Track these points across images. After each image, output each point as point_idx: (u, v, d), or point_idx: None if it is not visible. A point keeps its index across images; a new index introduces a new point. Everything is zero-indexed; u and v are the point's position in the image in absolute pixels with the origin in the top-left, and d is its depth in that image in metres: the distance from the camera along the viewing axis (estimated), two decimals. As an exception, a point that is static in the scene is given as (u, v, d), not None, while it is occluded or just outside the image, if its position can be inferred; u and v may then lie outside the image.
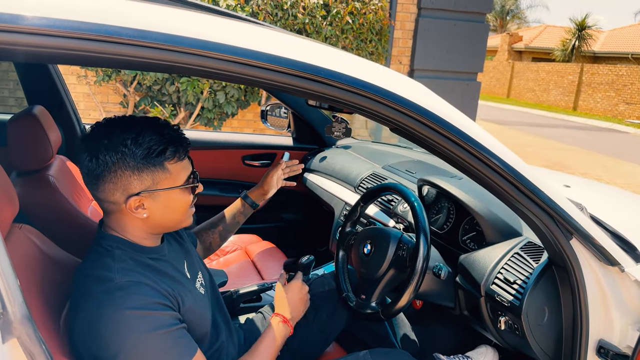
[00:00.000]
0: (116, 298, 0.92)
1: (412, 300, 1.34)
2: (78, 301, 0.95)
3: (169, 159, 0.99)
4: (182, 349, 0.98)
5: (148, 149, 0.96)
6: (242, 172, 2.51)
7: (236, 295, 1.66)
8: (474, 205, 1.44)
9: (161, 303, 0.97)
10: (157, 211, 1.01)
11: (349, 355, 1.30)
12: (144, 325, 0.93)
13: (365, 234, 1.51)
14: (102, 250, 1.01)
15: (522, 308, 1.23)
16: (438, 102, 1.05)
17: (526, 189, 1.09)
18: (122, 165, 0.95)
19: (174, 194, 1.02)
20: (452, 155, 1.05)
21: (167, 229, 1.09)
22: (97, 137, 0.97)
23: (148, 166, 0.97)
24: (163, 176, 0.99)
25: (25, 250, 1.14)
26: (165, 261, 1.08)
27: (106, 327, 0.91)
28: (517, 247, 1.36)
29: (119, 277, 0.95)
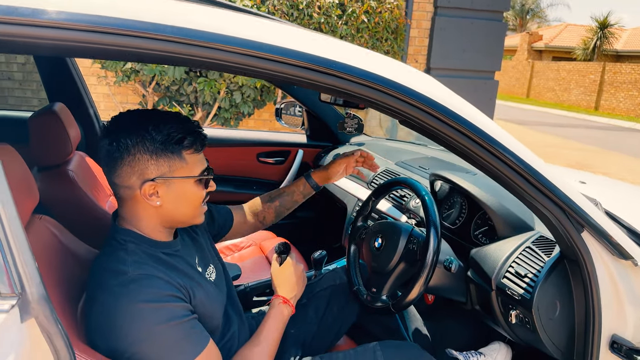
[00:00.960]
0: (130, 291, 0.95)
1: (422, 294, 1.35)
2: (94, 293, 0.99)
3: (186, 148, 1.01)
4: (195, 340, 1.00)
5: (168, 135, 0.99)
6: (257, 169, 2.54)
7: (249, 289, 1.69)
8: (485, 199, 1.44)
9: (173, 295, 0.99)
10: (169, 201, 1.03)
11: (359, 347, 1.31)
12: (157, 317, 0.96)
13: (377, 228, 1.52)
14: (116, 244, 1.04)
15: (532, 301, 1.23)
16: (447, 94, 1.05)
17: (536, 180, 1.08)
18: (141, 148, 0.98)
19: (188, 186, 1.04)
20: (461, 146, 1.05)
21: (179, 223, 1.10)
22: (119, 123, 1.01)
23: (166, 152, 0.99)
24: (179, 165, 1.02)
25: (45, 240, 1.18)
26: (178, 256, 1.10)
27: (121, 319, 0.94)
28: (528, 241, 1.36)
29: (132, 270, 0.97)
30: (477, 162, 1.07)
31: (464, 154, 1.07)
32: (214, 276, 1.23)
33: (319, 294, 1.55)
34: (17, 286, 0.73)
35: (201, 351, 1.00)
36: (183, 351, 0.98)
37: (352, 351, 1.30)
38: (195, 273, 1.12)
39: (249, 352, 1.15)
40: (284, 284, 1.30)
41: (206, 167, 1.08)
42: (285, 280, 1.30)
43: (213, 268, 1.25)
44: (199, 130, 1.04)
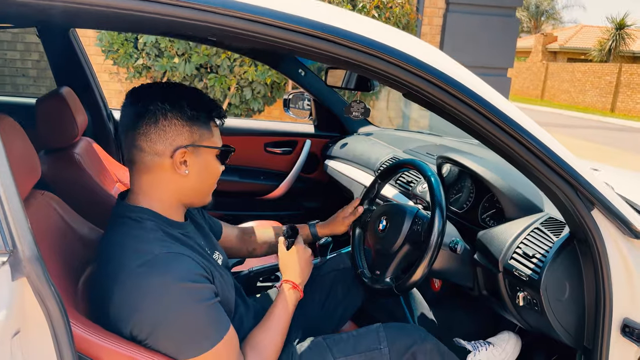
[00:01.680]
0: (159, 269, 0.92)
1: (426, 275, 1.32)
2: (115, 274, 0.94)
3: (214, 119, 1.06)
4: (219, 324, 0.98)
5: (203, 104, 1.03)
6: (264, 159, 2.53)
7: (253, 273, 1.67)
8: (493, 180, 1.40)
9: (202, 275, 0.98)
10: (195, 172, 1.04)
11: (361, 328, 1.29)
12: (187, 296, 0.93)
13: (381, 210, 1.50)
14: (131, 222, 1.01)
15: (540, 282, 1.19)
16: (452, 64, 1.03)
17: (544, 154, 1.05)
18: (178, 114, 0.99)
19: (212, 158, 1.06)
20: (467, 118, 1.03)
21: (195, 200, 1.10)
22: (151, 91, 1.02)
23: (199, 121, 1.02)
24: (208, 135, 1.05)
25: (47, 216, 1.17)
26: (190, 238, 1.09)
27: (148, 299, 0.91)
28: (537, 222, 1.32)
29: (158, 249, 0.95)
30: (481, 133, 1.04)
31: (466, 124, 1.04)
32: (221, 261, 1.22)
33: (322, 278, 1.53)
34: (8, 243, 0.72)
35: (224, 336, 0.98)
36: (208, 335, 0.95)
37: (354, 332, 1.28)
38: (208, 255, 1.11)
39: (259, 338, 1.13)
40: (292, 268, 1.28)
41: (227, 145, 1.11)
42: (293, 264, 1.29)
43: (219, 254, 1.24)
44: (220, 106, 1.09)
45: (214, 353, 0.96)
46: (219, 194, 2.53)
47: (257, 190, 2.55)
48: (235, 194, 2.54)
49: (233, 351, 1.02)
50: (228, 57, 4.62)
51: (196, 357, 0.95)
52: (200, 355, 0.95)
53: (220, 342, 0.96)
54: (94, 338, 0.86)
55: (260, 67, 4.70)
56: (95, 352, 0.86)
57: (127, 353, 0.88)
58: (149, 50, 4.64)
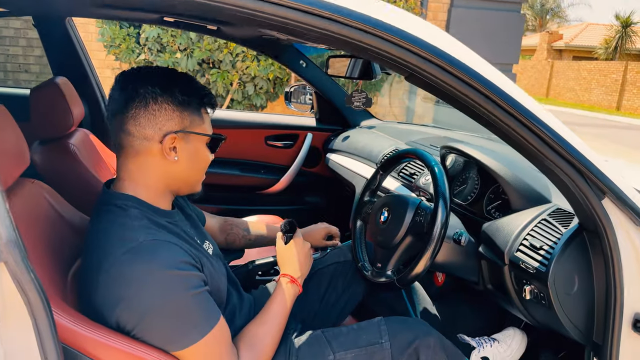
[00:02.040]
0: (143, 258, 0.89)
1: (428, 268, 1.27)
2: (99, 263, 0.91)
3: (206, 105, 1.03)
4: (208, 314, 0.95)
5: (194, 89, 1.00)
6: (264, 153, 2.48)
7: (252, 266, 1.63)
8: (499, 170, 1.35)
9: (190, 263, 0.94)
10: (184, 159, 1.01)
11: (363, 322, 1.25)
12: (174, 284, 0.90)
13: (382, 202, 1.45)
14: (116, 209, 0.98)
15: (548, 274, 1.14)
16: (456, 45, 0.99)
17: (552, 140, 1.00)
18: (169, 99, 0.97)
19: (202, 146, 1.03)
20: (470, 101, 0.98)
21: (183, 188, 1.06)
22: (141, 74, 1.00)
23: (190, 106, 0.99)
24: (198, 121, 1.02)
25: (36, 204, 1.14)
26: (177, 226, 1.05)
27: (133, 287, 0.88)
28: (544, 214, 1.27)
29: (143, 236, 0.92)
30: (484, 116, 1.00)
31: (469, 107, 1.00)
32: (212, 250, 1.18)
33: (322, 271, 1.49)
34: (-16, 227, 0.68)
35: (214, 326, 0.95)
36: (196, 325, 0.92)
37: (355, 326, 1.23)
38: (197, 244, 1.08)
39: (255, 331, 1.09)
40: (290, 263, 1.25)
41: (221, 134, 1.09)
42: (291, 258, 1.26)
43: (209, 243, 1.20)
44: (212, 93, 1.06)
45: (204, 344, 0.92)
46: (218, 188, 2.51)
47: (258, 184, 2.51)
48: (236, 188, 2.50)
49: (224, 343, 0.98)
50: (230, 52, 4.58)
51: (185, 348, 0.91)
52: (190, 346, 0.91)
53: (210, 332, 0.93)
54: (79, 329, 0.82)
55: (262, 62, 4.66)
56: (81, 343, 0.82)
57: (114, 345, 0.84)
58: (151, 46, 4.61)
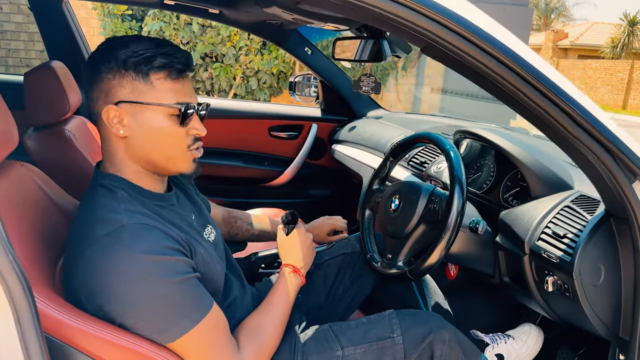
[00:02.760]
0: (125, 240, 0.82)
1: (442, 259, 1.19)
2: (80, 246, 0.85)
3: (155, 69, 0.88)
4: (198, 300, 0.88)
5: (134, 52, 0.87)
6: (268, 144, 2.41)
7: (255, 258, 1.56)
8: (518, 154, 1.27)
9: (174, 248, 0.87)
10: (137, 133, 0.90)
11: (373, 316, 1.17)
12: (156, 270, 0.83)
13: (393, 189, 1.37)
14: (103, 190, 0.91)
15: (573, 264, 1.06)
16: (476, 13, 0.91)
17: (581, 117, 0.92)
18: (107, 67, 0.88)
19: (157, 117, 0.89)
20: (493, 74, 0.90)
21: (159, 167, 0.95)
22: (97, 48, 0.92)
23: (129, 72, 0.87)
24: (145, 89, 0.88)
25: (24, 187, 1.07)
26: (173, 211, 0.98)
27: (114, 274, 0.81)
28: (567, 200, 1.19)
29: (127, 219, 0.85)
30: (507, 91, 0.92)
31: (493, 82, 0.92)
32: (213, 237, 1.11)
33: (329, 262, 1.42)
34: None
35: (207, 313, 0.88)
36: (187, 313, 0.85)
37: (364, 319, 1.16)
38: (193, 230, 1.00)
39: (257, 321, 1.03)
40: (292, 253, 1.19)
41: (186, 102, 0.91)
42: (293, 249, 1.20)
43: (212, 228, 1.13)
44: (179, 56, 0.90)
45: (197, 333, 0.85)
46: (220, 180, 2.43)
47: (261, 176, 2.43)
48: (238, 180, 2.42)
49: (221, 332, 0.91)
50: (233, 45, 4.51)
51: (177, 339, 0.84)
52: (182, 336, 0.84)
53: (202, 320, 0.86)
54: (64, 318, 0.75)
55: (266, 55, 4.59)
56: (66, 333, 0.75)
57: (102, 336, 0.77)
58: (152, 39, 4.54)
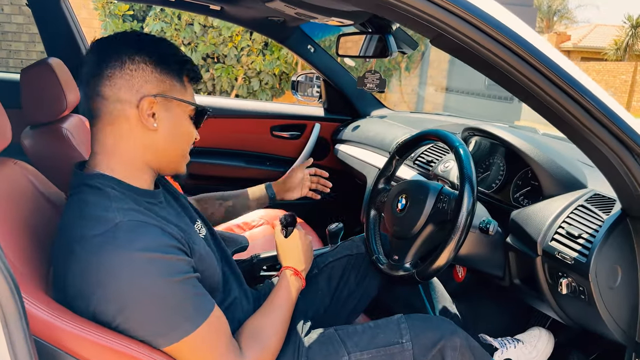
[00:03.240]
0: (120, 239, 0.78)
1: (451, 261, 1.15)
2: (71, 247, 0.81)
3: (188, 72, 0.93)
4: (199, 302, 0.84)
5: (177, 55, 0.92)
6: (270, 144, 2.37)
7: (256, 260, 1.51)
8: (530, 151, 1.23)
9: (174, 246, 0.83)
10: (164, 128, 0.90)
11: (380, 320, 1.12)
12: (155, 269, 0.79)
13: (399, 188, 1.33)
14: (92, 190, 0.86)
15: (589, 266, 1.02)
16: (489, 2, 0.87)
17: (599, 112, 0.88)
18: (147, 58, 0.87)
19: (184, 117, 0.94)
20: (506, 66, 0.86)
21: (164, 163, 0.94)
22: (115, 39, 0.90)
23: (169, 70, 0.90)
24: (179, 88, 0.92)
25: (16, 185, 1.04)
26: (164, 208, 0.95)
27: (109, 274, 0.77)
28: (581, 199, 1.15)
29: (120, 217, 0.80)
30: (522, 84, 0.87)
31: (506, 75, 0.87)
32: (205, 232, 1.08)
33: (333, 264, 1.37)
34: None
35: (208, 315, 0.84)
36: (187, 316, 0.81)
37: (372, 323, 1.11)
38: (186, 226, 0.96)
39: (258, 323, 0.99)
40: (292, 255, 1.16)
41: (205, 107, 0.98)
42: (293, 250, 1.17)
43: (202, 224, 1.09)
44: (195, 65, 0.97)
45: (199, 336, 0.81)
46: (222, 180, 2.39)
47: (263, 177, 2.39)
48: (240, 180, 2.38)
49: (223, 334, 0.87)
50: (235, 46, 4.48)
51: (176, 342, 0.80)
52: (182, 339, 0.80)
53: (204, 322, 0.82)
54: (55, 320, 0.71)
55: (268, 56, 4.56)
56: (57, 337, 0.71)
57: (96, 339, 0.73)
58: (154, 40, 4.51)
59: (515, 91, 0.93)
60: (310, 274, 1.34)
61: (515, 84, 0.89)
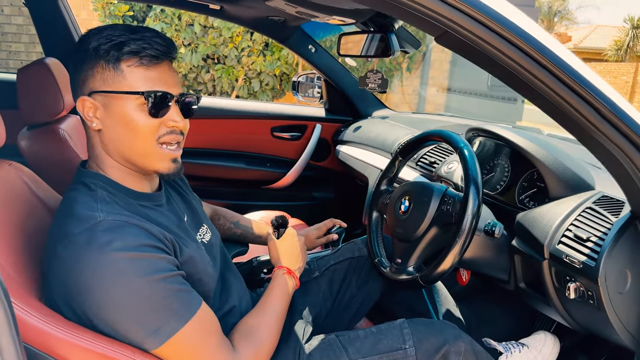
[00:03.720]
0: (100, 238, 0.76)
1: (456, 264, 1.12)
2: (54, 246, 0.80)
3: (125, 56, 0.81)
4: (184, 298, 0.81)
5: (105, 37, 0.81)
6: (270, 145, 2.34)
7: (256, 262, 1.49)
8: (536, 152, 1.20)
9: (155, 246, 0.81)
10: (110, 126, 0.84)
11: (382, 325, 1.10)
12: (135, 268, 0.77)
13: (402, 190, 1.30)
14: (83, 188, 0.85)
15: (598, 270, 0.99)
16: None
17: (608, 110, 0.85)
18: (80, 59, 0.83)
19: (129, 107, 0.82)
20: (515, 65, 0.83)
21: (134, 164, 0.88)
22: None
23: (99, 61, 0.81)
24: (115, 77, 0.82)
25: (12, 188, 1.01)
26: (160, 212, 0.92)
27: (89, 273, 0.75)
28: (589, 201, 1.12)
29: (103, 215, 0.79)
30: (530, 84, 0.85)
31: (514, 74, 0.85)
32: (208, 237, 1.05)
33: (335, 267, 1.35)
34: None
35: (195, 312, 0.81)
36: (173, 313, 0.79)
37: (374, 328, 1.08)
38: (182, 231, 0.94)
39: (252, 322, 0.97)
40: (284, 256, 1.14)
41: (163, 91, 0.83)
42: (286, 251, 1.15)
43: (207, 228, 1.07)
44: (153, 40, 0.82)
45: (187, 333, 0.79)
46: (221, 182, 2.36)
47: (263, 178, 2.37)
48: (240, 182, 2.36)
49: (213, 332, 0.85)
50: (235, 46, 4.46)
51: (166, 342, 0.78)
52: (171, 337, 0.78)
53: (191, 319, 0.80)
54: (47, 327, 0.68)
55: (269, 57, 4.54)
56: (49, 344, 0.69)
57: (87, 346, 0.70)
58: (154, 40, 4.49)
59: (522, 90, 0.90)
60: (311, 277, 1.32)
61: (523, 82, 0.86)
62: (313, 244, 1.47)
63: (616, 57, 21.24)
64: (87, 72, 0.83)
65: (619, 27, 22.32)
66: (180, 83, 0.90)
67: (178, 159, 0.90)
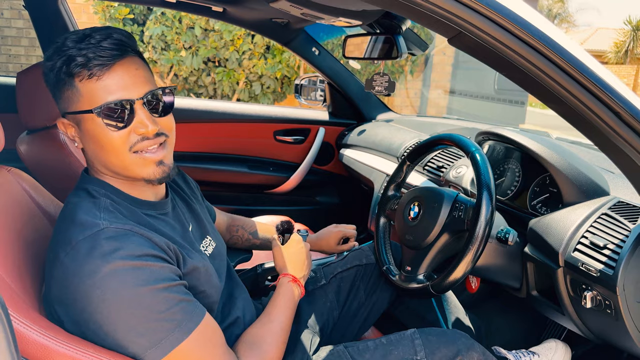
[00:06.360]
0: (104, 246, 0.74)
1: (468, 273, 1.09)
2: (56, 251, 0.78)
3: (75, 70, 0.76)
4: (187, 308, 0.79)
5: (58, 53, 0.78)
6: (273, 149, 2.31)
7: (261, 270, 1.45)
8: (549, 156, 1.17)
9: (157, 255, 0.78)
10: (86, 144, 0.84)
11: (393, 335, 1.06)
12: (138, 277, 0.74)
13: (412, 195, 1.27)
14: (86, 195, 0.83)
15: (617, 278, 0.96)
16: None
17: (630, 115, 0.82)
18: (46, 80, 0.83)
19: (93, 125, 0.79)
20: (531, 67, 0.80)
21: (120, 175, 0.85)
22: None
23: (59, 81, 0.79)
24: (74, 97, 0.79)
25: (11, 195, 0.98)
26: (165, 221, 0.89)
27: (89, 281, 0.73)
28: (604, 207, 1.09)
29: (105, 223, 0.77)
30: (547, 87, 0.82)
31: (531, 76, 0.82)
32: (212, 249, 1.02)
33: (342, 274, 1.31)
34: None
35: (199, 323, 0.79)
36: (176, 324, 0.76)
37: (384, 339, 1.05)
38: (187, 241, 0.91)
39: (256, 332, 0.94)
40: (289, 263, 1.11)
41: (117, 100, 0.77)
42: (291, 258, 1.12)
43: (211, 240, 1.04)
44: (98, 45, 0.76)
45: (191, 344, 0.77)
46: (224, 186, 2.33)
47: (266, 182, 2.33)
48: (243, 187, 2.32)
49: (217, 343, 0.83)
50: (237, 49, 4.44)
51: (169, 353, 0.75)
52: (174, 349, 0.75)
53: (195, 330, 0.78)
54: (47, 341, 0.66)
55: (270, 60, 4.51)
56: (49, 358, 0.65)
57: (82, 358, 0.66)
58: (155, 44, 4.47)
59: (539, 94, 0.87)
60: (317, 285, 1.29)
61: (541, 86, 0.83)
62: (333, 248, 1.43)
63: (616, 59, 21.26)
64: (55, 93, 0.83)
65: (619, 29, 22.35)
66: (148, 78, 0.82)
67: (164, 160, 0.84)
